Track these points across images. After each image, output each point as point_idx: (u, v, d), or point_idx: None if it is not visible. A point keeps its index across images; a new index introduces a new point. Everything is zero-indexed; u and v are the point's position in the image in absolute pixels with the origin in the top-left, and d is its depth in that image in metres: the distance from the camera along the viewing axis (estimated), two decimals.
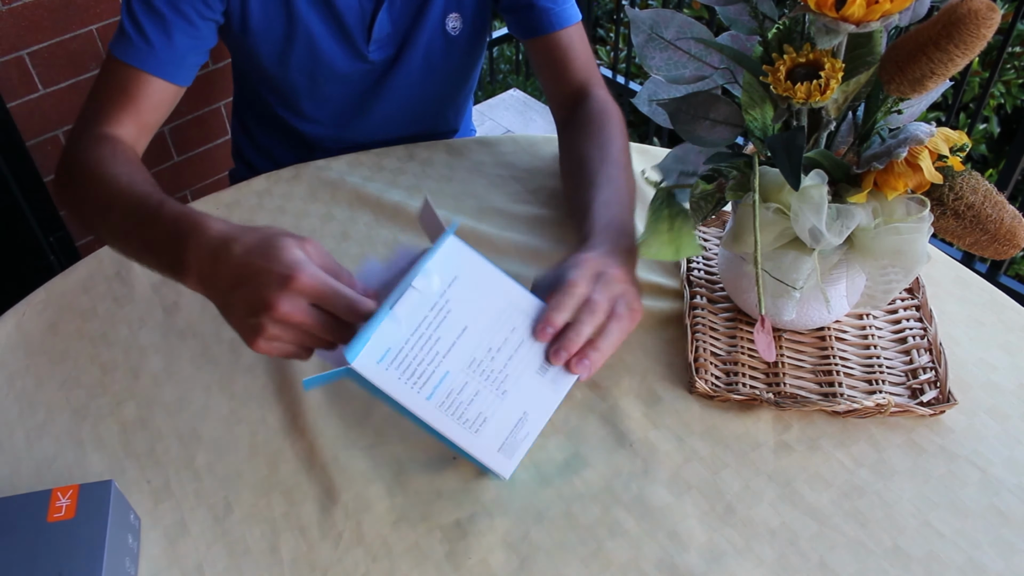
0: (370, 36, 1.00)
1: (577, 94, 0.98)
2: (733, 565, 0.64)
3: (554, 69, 1.00)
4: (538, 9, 0.98)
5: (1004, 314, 0.84)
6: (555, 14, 0.98)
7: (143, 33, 0.90)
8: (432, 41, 1.03)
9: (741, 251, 0.74)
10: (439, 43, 1.04)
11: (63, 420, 0.76)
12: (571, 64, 0.99)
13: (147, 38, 0.90)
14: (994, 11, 0.56)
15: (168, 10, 0.90)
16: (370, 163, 1.06)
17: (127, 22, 0.91)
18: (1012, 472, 0.70)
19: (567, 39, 0.99)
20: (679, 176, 0.79)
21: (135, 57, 0.90)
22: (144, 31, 0.90)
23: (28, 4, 1.40)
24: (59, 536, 0.60)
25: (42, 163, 1.56)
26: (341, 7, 0.97)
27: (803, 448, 0.72)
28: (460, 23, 1.03)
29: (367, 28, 1.00)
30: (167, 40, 0.91)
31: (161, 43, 0.91)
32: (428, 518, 0.68)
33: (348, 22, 0.99)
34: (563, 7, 0.98)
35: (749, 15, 0.69)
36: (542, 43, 0.99)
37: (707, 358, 0.78)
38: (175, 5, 0.90)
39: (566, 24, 0.98)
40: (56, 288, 0.89)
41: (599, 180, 0.84)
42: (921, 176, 0.64)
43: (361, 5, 0.98)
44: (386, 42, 1.02)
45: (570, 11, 0.99)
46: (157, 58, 0.91)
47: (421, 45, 1.03)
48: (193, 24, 0.92)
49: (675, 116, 0.71)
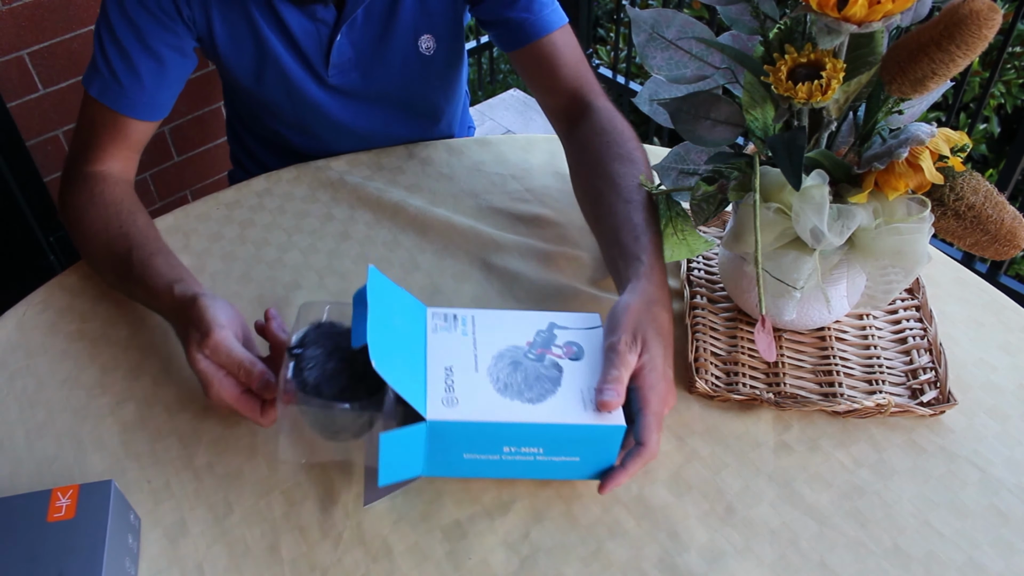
0: (328, 61, 0.98)
1: (573, 104, 0.93)
2: (733, 565, 0.64)
3: (542, 79, 0.95)
4: (514, 21, 0.93)
5: (1004, 314, 0.84)
6: (531, 23, 0.92)
7: (113, 72, 0.90)
8: (407, 62, 1.00)
9: (742, 251, 0.74)
10: (414, 64, 1.01)
11: (63, 420, 0.76)
12: (558, 72, 0.93)
13: (117, 78, 0.90)
14: (995, 12, 0.56)
15: (135, 48, 0.89)
16: (370, 163, 1.06)
17: (99, 56, 0.91)
18: (1012, 472, 0.70)
19: (549, 47, 0.93)
20: (678, 175, 0.79)
21: (108, 97, 0.91)
22: (114, 70, 0.90)
23: (28, 4, 1.40)
24: (59, 536, 0.60)
25: (42, 163, 1.56)
26: (297, 33, 0.95)
27: (803, 448, 0.72)
28: (434, 43, 1.00)
29: (324, 54, 0.97)
30: (136, 81, 0.90)
31: (131, 83, 0.90)
32: (428, 518, 0.67)
33: (305, 47, 0.96)
34: (539, 15, 0.93)
35: (750, 15, 0.69)
36: (525, 54, 0.94)
37: (707, 358, 0.78)
38: (143, 40, 0.89)
39: (546, 32, 0.93)
40: (56, 288, 0.89)
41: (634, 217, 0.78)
42: (922, 176, 0.64)
43: (318, 30, 0.95)
44: (348, 67, 0.99)
45: (549, 17, 0.93)
46: (128, 99, 0.91)
47: (395, 67, 1.00)
48: (161, 61, 0.91)
49: (676, 116, 0.71)
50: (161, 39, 0.90)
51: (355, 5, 0.93)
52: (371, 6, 0.95)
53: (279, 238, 0.95)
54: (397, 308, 0.64)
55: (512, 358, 0.65)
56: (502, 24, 0.94)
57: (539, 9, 0.93)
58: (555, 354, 0.66)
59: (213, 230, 0.97)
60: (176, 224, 0.98)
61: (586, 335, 0.68)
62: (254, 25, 0.94)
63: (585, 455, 0.63)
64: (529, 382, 0.63)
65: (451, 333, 0.66)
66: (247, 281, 0.90)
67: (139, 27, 0.89)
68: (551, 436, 0.61)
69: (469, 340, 0.66)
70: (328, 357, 0.64)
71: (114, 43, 0.89)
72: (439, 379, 0.62)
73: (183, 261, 0.92)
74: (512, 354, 0.65)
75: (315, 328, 0.66)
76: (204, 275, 0.90)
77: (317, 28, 0.95)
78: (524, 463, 0.63)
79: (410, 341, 0.63)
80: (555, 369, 0.65)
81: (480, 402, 0.61)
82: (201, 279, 0.90)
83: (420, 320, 0.67)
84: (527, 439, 0.61)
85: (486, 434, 0.61)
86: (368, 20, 0.96)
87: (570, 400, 0.62)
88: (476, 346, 0.65)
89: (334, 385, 0.62)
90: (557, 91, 0.94)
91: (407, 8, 0.96)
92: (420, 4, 0.96)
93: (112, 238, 0.84)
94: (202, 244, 0.95)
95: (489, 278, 0.89)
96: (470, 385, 0.62)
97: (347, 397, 0.62)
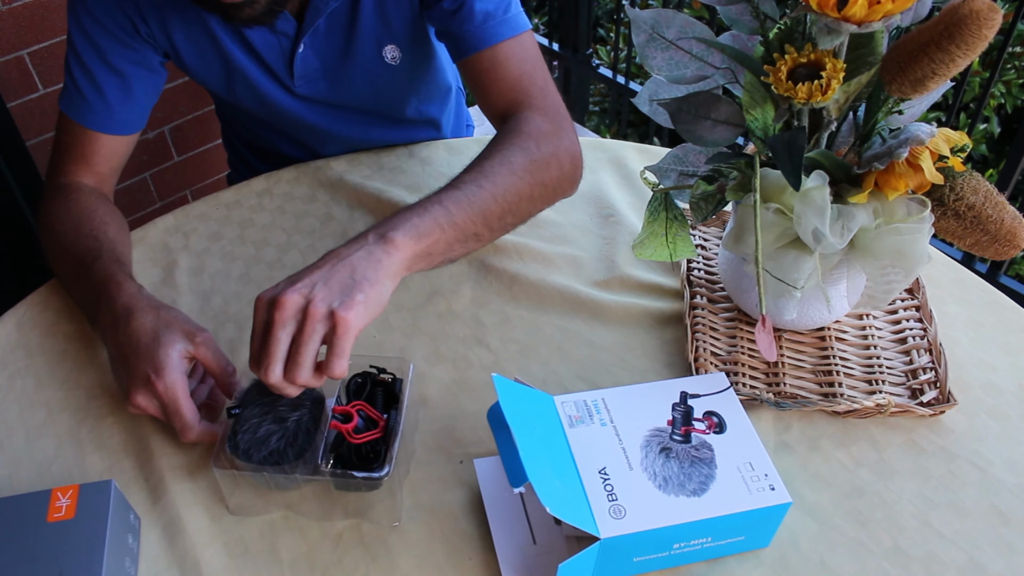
0: (292, 72, 0.97)
1: (505, 114, 0.88)
2: (733, 565, 0.64)
3: (480, 92, 0.91)
4: (455, 34, 0.89)
5: (1004, 315, 0.84)
6: (471, 35, 0.88)
7: (79, 89, 0.90)
8: (372, 71, 0.99)
9: (742, 251, 0.74)
10: (380, 72, 0.99)
11: (63, 420, 0.76)
12: (494, 85, 0.89)
13: (83, 95, 0.90)
14: (996, 12, 0.56)
15: (97, 66, 0.90)
16: (370, 162, 1.06)
17: (67, 74, 0.91)
18: (1012, 472, 0.70)
19: (489, 60, 0.88)
20: (679, 177, 0.79)
21: (76, 113, 0.91)
22: (79, 87, 0.90)
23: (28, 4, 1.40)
24: (59, 536, 0.60)
25: (42, 163, 1.56)
26: (259, 46, 0.94)
27: (803, 448, 0.72)
28: (399, 52, 0.98)
29: (288, 65, 0.96)
30: (100, 97, 0.91)
31: (95, 100, 0.91)
32: (429, 518, 0.67)
33: (268, 59, 0.96)
34: (482, 27, 0.88)
35: (750, 15, 0.69)
36: (466, 64, 0.90)
37: (707, 358, 0.78)
38: (104, 58, 0.89)
39: (486, 44, 0.88)
40: (56, 288, 0.89)
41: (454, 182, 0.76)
42: (922, 176, 0.64)
43: (280, 43, 0.94)
44: (314, 77, 0.98)
45: (494, 29, 0.88)
46: (95, 115, 0.91)
47: (360, 76, 0.99)
48: (124, 76, 0.91)
49: (676, 116, 0.71)
50: (122, 55, 0.90)
51: (314, 16, 0.91)
52: (333, 16, 0.93)
53: (279, 238, 0.95)
54: (531, 413, 0.63)
55: (660, 444, 0.65)
56: (447, 36, 0.92)
57: (482, 20, 0.88)
58: (700, 430, 0.66)
59: (213, 230, 0.97)
60: (176, 224, 0.98)
61: (722, 401, 0.68)
62: (216, 40, 0.93)
63: (750, 533, 0.63)
64: (686, 471, 0.63)
65: (589, 426, 0.66)
66: (247, 281, 0.90)
67: (99, 46, 0.89)
68: (720, 525, 0.61)
69: (610, 430, 0.65)
70: (262, 419, 0.66)
71: (78, 62, 0.90)
72: (598, 487, 0.61)
73: (183, 261, 0.92)
74: (659, 440, 0.65)
75: (256, 386, 0.68)
76: (204, 275, 0.90)
77: (279, 40, 0.94)
78: (692, 553, 0.63)
79: (555, 448, 0.63)
80: (707, 450, 0.64)
81: (647, 507, 0.60)
82: (201, 279, 0.90)
83: (553, 415, 0.66)
84: (697, 533, 0.61)
85: (657, 538, 0.60)
86: (331, 31, 0.94)
87: (732, 483, 0.62)
88: (620, 437, 0.65)
89: (263, 449, 0.64)
90: (493, 103, 0.90)
91: (367, 18, 0.94)
92: (379, 14, 0.94)
93: (81, 237, 0.83)
94: (202, 244, 0.95)
95: (488, 278, 0.89)
96: (630, 488, 0.61)
97: (275, 460, 0.64)
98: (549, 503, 0.56)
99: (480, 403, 0.76)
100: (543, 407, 0.66)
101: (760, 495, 0.61)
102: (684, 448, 0.64)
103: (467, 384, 0.78)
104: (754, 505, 0.61)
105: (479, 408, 0.75)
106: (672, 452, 0.64)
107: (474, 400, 0.76)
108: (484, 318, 0.84)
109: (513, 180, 0.78)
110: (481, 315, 0.85)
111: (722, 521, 0.61)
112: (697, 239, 0.93)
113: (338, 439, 0.66)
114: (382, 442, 0.66)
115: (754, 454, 0.64)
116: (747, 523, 0.62)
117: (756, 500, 0.61)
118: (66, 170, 0.92)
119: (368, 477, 0.63)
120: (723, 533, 0.62)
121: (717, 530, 0.61)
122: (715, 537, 0.62)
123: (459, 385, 0.78)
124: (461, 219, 0.73)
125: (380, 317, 0.84)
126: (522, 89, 0.88)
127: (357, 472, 0.63)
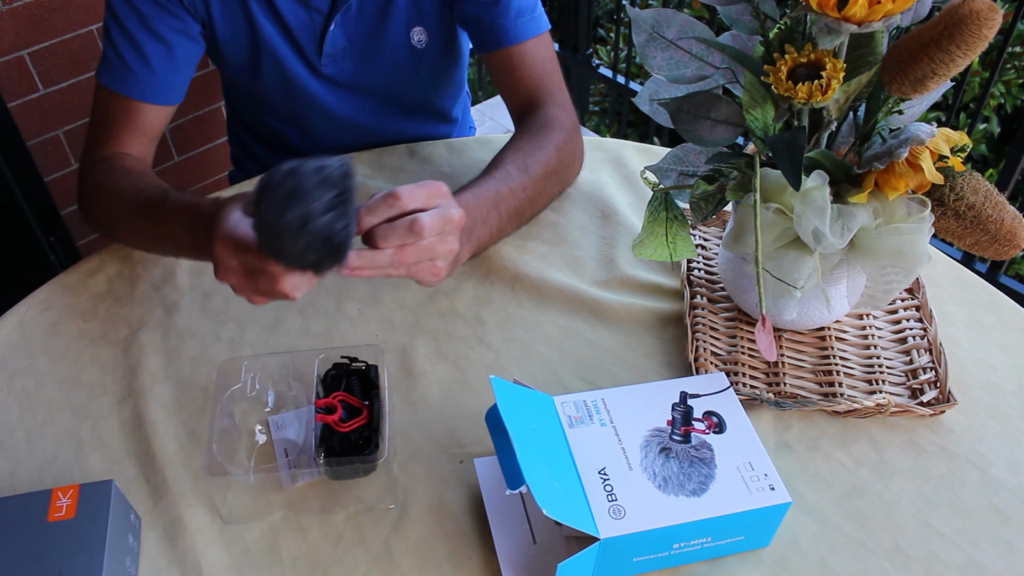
0: (322, 50, 0.99)
1: (528, 109, 0.96)
2: (733, 565, 0.64)
3: (506, 82, 0.98)
4: (488, 25, 0.95)
5: (1004, 315, 0.84)
6: (505, 29, 0.94)
7: (122, 59, 0.91)
8: (397, 54, 1.01)
9: (742, 251, 0.74)
10: (405, 56, 1.02)
11: (63, 420, 0.76)
12: (520, 81, 0.96)
13: (127, 64, 0.91)
14: (996, 12, 0.56)
15: (141, 34, 0.90)
16: (371, 162, 1.06)
17: (107, 47, 0.92)
18: (1012, 472, 0.70)
19: (518, 56, 0.95)
20: (679, 177, 0.79)
21: (119, 84, 0.91)
22: (123, 56, 0.91)
23: (28, 4, 1.40)
24: (59, 536, 0.60)
25: (42, 163, 1.56)
26: (291, 22, 0.96)
27: (803, 448, 0.72)
28: (426, 36, 1.01)
29: (318, 42, 0.98)
30: (145, 65, 0.91)
31: (141, 68, 0.91)
32: (429, 518, 0.67)
33: (299, 36, 0.98)
34: (515, 22, 0.94)
35: (750, 15, 0.69)
36: (494, 57, 0.97)
37: (707, 358, 0.78)
38: (148, 25, 0.90)
39: (517, 40, 0.95)
40: (56, 288, 0.89)
41: (494, 172, 0.84)
42: (922, 176, 0.64)
43: (312, 19, 0.96)
44: (341, 56, 1.00)
45: (525, 26, 0.95)
46: (139, 84, 0.91)
47: (386, 58, 1.01)
48: (169, 44, 0.92)
49: (676, 116, 0.71)
50: (166, 23, 0.91)
51: None
52: None
53: None
54: (530, 414, 0.64)
55: (660, 444, 0.65)
56: (477, 24, 0.96)
57: (516, 16, 0.94)
58: (699, 430, 0.66)
59: None
60: None
61: (722, 401, 0.68)
62: (249, 13, 0.95)
63: (750, 532, 0.63)
64: (686, 470, 0.63)
65: (589, 426, 0.66)
66: None
67: (143, 13, 0.90)
68: (720, 525, 0.61)
69: (610, 431, 0.65)
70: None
71: (121, 31, 0.90)
72: (597, 487, 0.61)
73: (185, 261, 0.92)
74: (659, 440, 0.65)
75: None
76: (204, 275, 0.90)
77: (311, 17, 0.96)
78: (692, 552, 0.63)
79: (554, 449, 0.63)
80: (706, 449, 0.65)
81: (647, 507, 0.60)
82: (201, 279, 0.90)
83: (552, 415, 0.66)
84: (697, 533, 0.61)
85: (657, 538, 0.60)
86: (363, 10, 0.97)
87: (732, 483, 0.62)
88: (620, 437, 0.65)
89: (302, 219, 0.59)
90: (516, 96, 0.98)
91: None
92: None
93: (143, 188, 0.84)
94: None
95: (489, 278, 0.89)
96: (630, 488, 0.61)
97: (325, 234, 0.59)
98: (547, 506, 0.56)
99: (481, 403, 0.76)
100: (542, 408, 0.66)
101: (760, 495, 0.61)
102: (684, 448, 0.65)
103: (468, 383, 0.78)
104: (754, 505, 0.61)
105: (480, 407, 0.75)
106: (672, 452, 0.64)
107: (475, 399, 0.76)
108: (486, 317, 0.84)
109: (540, 178, 0.88)
110: (483, 314, 0.85)
111: (722, 521, 0.61)
112: (697, 239, 0.93)
113: (325, 432, 0.67)
114: (369, 427, 0.67)
115: (754, 454, 0.64)
116: (747, 523, 0.62)
117: (756, 500, 0.61)
118: (107, 143, 0.93)
119: (364, 460, 0.65)
120: (723, 533, 0.62)
121: (717, 530, 0.61)
122: (715, 537, 0.62)
123: (460, 384, 0.78)
124: (502, 220, 0.84)
125: (382, 316, 0.84)
126: (544, 86, 0.96)
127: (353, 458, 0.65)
